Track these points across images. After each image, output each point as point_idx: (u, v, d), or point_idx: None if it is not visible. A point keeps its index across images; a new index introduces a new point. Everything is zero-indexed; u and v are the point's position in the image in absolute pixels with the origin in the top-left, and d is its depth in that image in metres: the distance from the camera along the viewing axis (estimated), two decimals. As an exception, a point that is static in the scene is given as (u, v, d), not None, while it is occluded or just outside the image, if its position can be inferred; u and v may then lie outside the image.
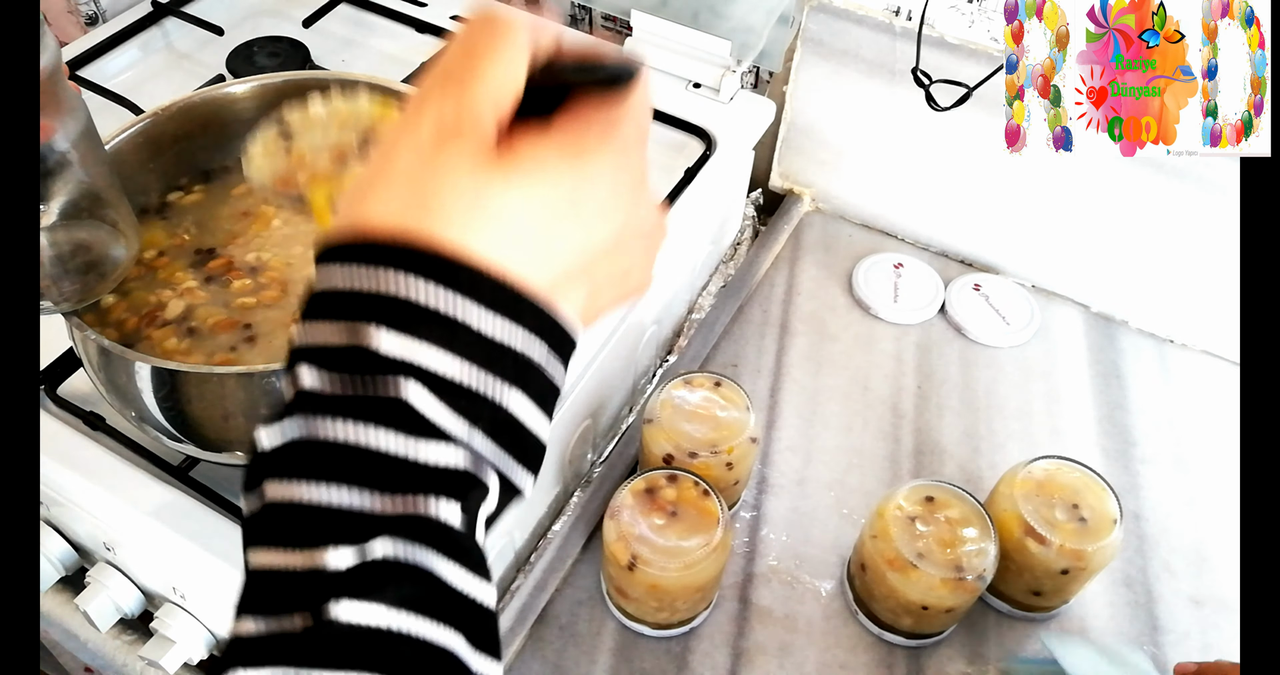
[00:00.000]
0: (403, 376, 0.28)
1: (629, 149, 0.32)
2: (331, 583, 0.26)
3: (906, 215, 0.89)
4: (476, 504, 0.29)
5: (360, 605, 0.26)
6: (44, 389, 0.59)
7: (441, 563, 0.27)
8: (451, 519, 0.28)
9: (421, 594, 0.27)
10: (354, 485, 0.27)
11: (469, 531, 0.29)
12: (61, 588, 0.68)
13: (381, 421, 0.28)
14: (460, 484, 0.28)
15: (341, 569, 0.26)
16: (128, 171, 0.52)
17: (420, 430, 0.28)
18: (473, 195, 0.29)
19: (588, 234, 0.31)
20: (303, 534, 0.27)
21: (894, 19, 0.78)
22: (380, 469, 0.27)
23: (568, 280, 0.31)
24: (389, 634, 0.26)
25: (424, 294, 0.28)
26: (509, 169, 0.29)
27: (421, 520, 0.27)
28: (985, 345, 0.83)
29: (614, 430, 0.78)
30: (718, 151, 0.78)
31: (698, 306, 0.85)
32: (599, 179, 0.31)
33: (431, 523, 0.27)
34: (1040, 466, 0.64)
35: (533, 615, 0.64)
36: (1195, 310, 0.81)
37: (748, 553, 0.69)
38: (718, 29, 0.82)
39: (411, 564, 0.27)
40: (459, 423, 0.28)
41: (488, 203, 0.29)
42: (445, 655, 0.27)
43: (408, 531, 0.27)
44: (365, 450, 0.27)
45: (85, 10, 0.92)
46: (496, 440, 0.29)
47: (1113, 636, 0.66)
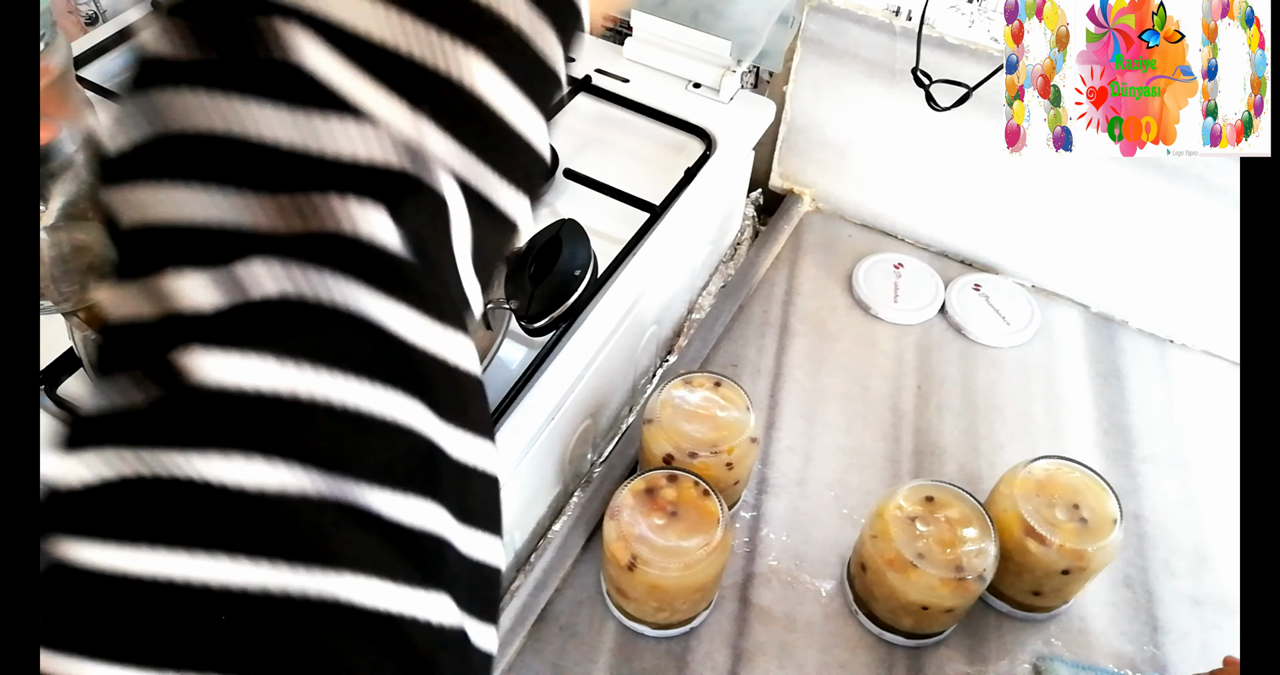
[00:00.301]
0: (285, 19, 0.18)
1: None
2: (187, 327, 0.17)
3: (906, 215, 0.89)
4: (422, 217, 0.19)
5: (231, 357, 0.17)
6: (44, 389, 0.59)
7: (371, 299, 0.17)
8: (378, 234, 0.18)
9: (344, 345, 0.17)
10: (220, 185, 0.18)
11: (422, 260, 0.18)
12: (61, 588, 0.68)
13: (259, 91, 0.18)
14: (387, 183, 0.18)
15: (203, 308, 0.17)
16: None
17: (318, 101, 0.18)
18: None
19: None
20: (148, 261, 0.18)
21: (894, 19, 0.78)
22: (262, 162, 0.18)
23: None
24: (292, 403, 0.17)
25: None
26: None
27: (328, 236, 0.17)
28: (985, 345, 0.83)
29: (614, 430, 0.78)
30: (718, 151, 0.78)
31: (698, 306, 0.85)
32: None
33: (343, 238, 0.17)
34: (1040, 466, 0.64)
35: (533, 615, 0.64)
36: (1195, 310, 0.81)
37: (748, 553, 0.69)
38: (718, 29, 0.82)
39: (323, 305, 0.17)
40: (394, 104, 0.18)
41: None
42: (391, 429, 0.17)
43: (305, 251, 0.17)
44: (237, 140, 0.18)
45: (85, 10, 0.92)
46: (458, 136, 0.19)
47: (1113, 636, 0.66)
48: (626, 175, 0.76)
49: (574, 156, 0.78)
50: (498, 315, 0.58)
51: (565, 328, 0.65)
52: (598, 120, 0.82)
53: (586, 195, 0.75)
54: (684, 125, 0.79)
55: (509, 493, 0.62)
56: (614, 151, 0.80)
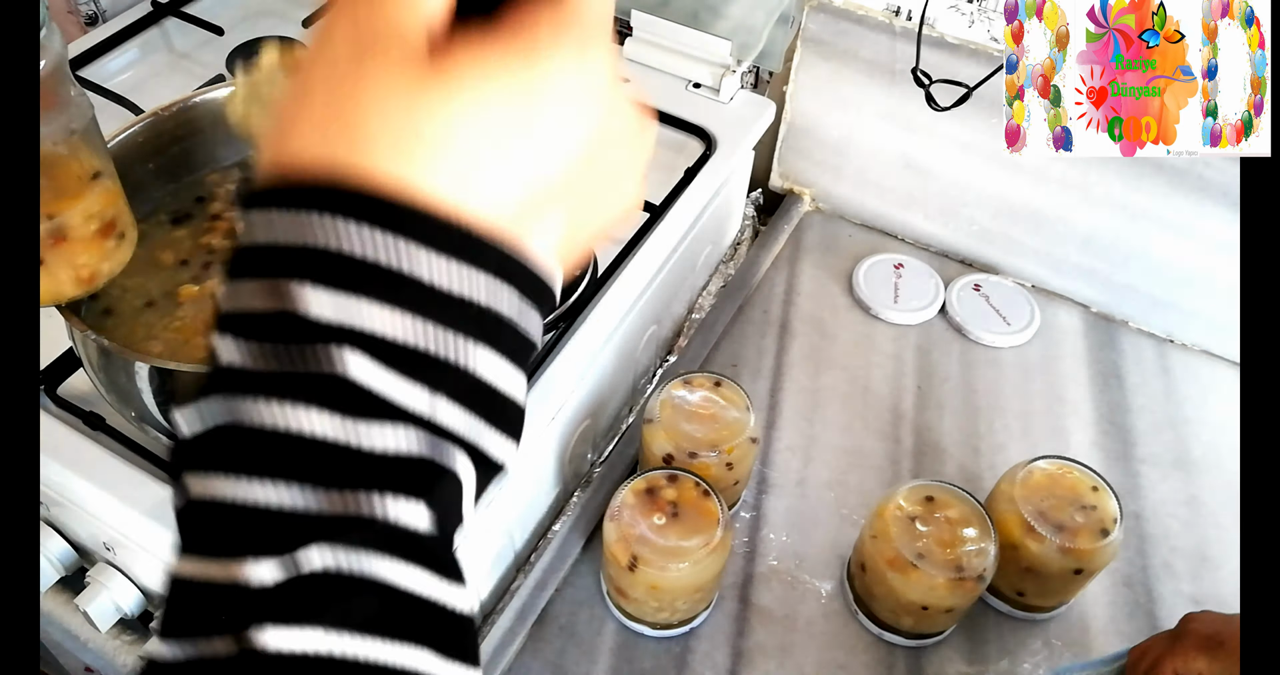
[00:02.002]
0: (337, 344, 0.23)
1: (589, 41, 0.27)
2: (256, 602, 0.22)
3: (906, 215, 0.89)
4: (449, 496, 0.25)
5: (291, 631, 0.22)
6: (44, 389, 0.59)
7: (395, 568, 0.24)
8: (408, 518, 0.24)
9: (371, 611, 0.23)
10: (282, 479, 0.23)
11: (440, 531, 0.25)
12: (61, 588, 0.68)
13: (315, 400, 0.23)
14: (419, 474, 0.24)
15: (267, 584, 0.23)
16: (128, 171, 0.52)
17: (363, 409, 0.23)
18: (405, 116, 0.24)
19: (551, 149, 0.26)
20: (222, 540, 0.23)
21: (894, 19, 0.78)
22: (316, 460, 0.23)
23: (536, 208, 0.26)
24: (332, 661, 0.23)
25: (357, 241, 0.23)
26: (446, 81, 0.24)
27: (366, 521, 0.23)
28: (985, 345, 0.83)
29: (614, 430, 0.78)
30: (718, 151, 0.78)
31: (698, 306, 0.85)
32: (557, 82, 0.26)
33: (379, 524, 0.23)
34: (1040, 466, 0.64)
35: (533, 615, 0.64)
36: (1195, 310, 0.81)
37: (748, 553, 0.69)
38: (718, 29, 0.82)
39: (355, 576, 0.23)
40: (417, 391, 0.24)
41: (424, 123, 0.24)
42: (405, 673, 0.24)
43: (349, 535, 0.23)
44: (296, 437, 0.23)
45: (85, 10, 0.92)
46: (465, 406, 0.25)
47: (1113, 636, 0.66)
48: (626, 175, 0.76)
49: (574, 156, 0.78)
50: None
51: (565, 328, 0.65)
52: (598, 120, 0.82)
53: (586, 195, 0.75)
54: (684, 125, 0.79)
55: (511, 493, 0.62)
56: (614, 151, 0.80)
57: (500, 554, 0.66)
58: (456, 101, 0.25)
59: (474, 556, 0.62)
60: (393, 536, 0.23)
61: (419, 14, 0.25)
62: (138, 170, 0.57)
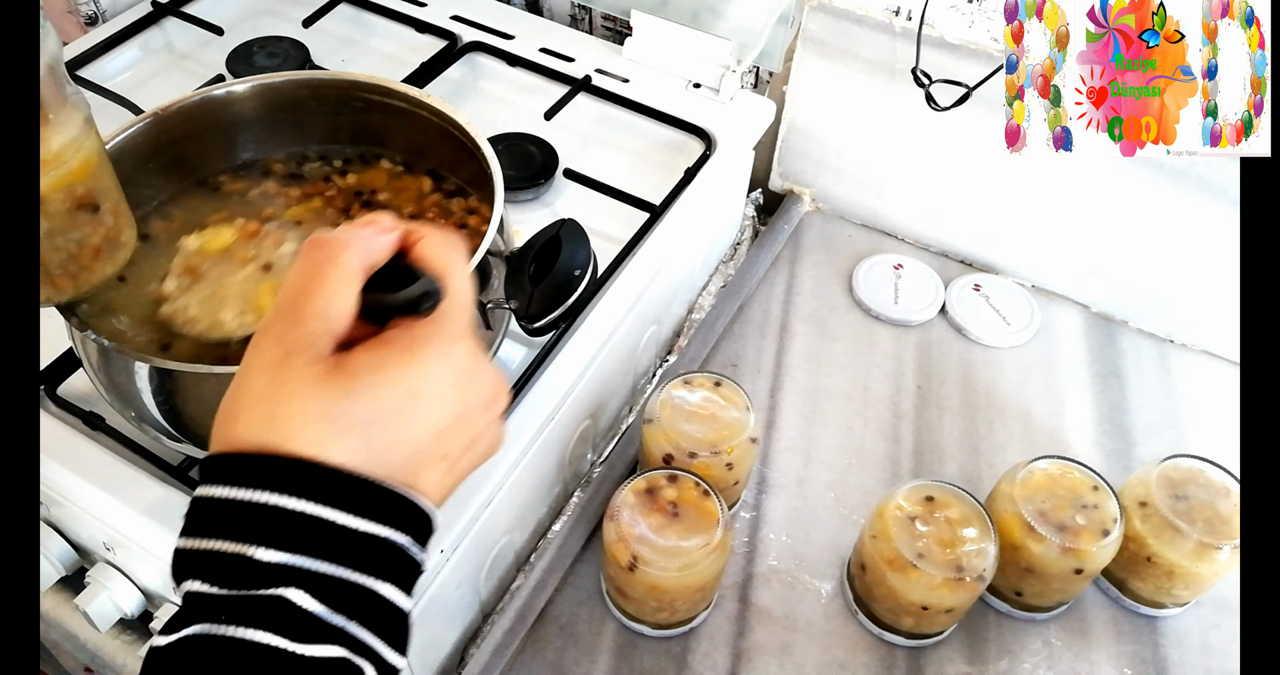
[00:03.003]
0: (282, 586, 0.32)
1: (455, 338, 0.37)
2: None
3: (906, 215, 0.89)
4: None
5: None
6: (44, 389, 0.59)
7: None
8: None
9: None
10: None
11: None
12: (61, 588, 0.68)
13: (266, 625, 0.31)
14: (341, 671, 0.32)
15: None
16: (127, 171, 0.52)
17: (301, 631, 0.32)
18: (320, 411, 0.34)
19: (432, 418, 0.36)
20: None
21: (894, 19, 0.78)
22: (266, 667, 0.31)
23: (423, 460, 0.36)
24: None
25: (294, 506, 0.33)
26: (347, 382, 0.34)
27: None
28: (985, 345, 0.83)
29: (614, 430, 0.78)
30: (718, 151, 0.78)
31: (698, 306, 0.85)
32: (433, 370, 0.36)
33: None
34: (1040, 466, 0.64)
35: (533, 615, 0.64)
36: (1195, 310, 0.81)
37: (748, 553, 0.69)
38: (718, 29, 0.82)
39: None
40: (335, 616, 0.33)
41: (335, 414, 0.34)
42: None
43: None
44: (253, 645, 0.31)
45: (85, 10, 0.92)
46: (370, 627, 0.33)
47: (1113, 636, 0.66)
48: (626, 175, 0.76)
49: (574, 156, 0.78)
50: (498, 315, 0.58)
51: (565, 328, 0.65)
52: (598, 120, 0.82)
53: (586, 195, 0.75)
54: (684, 125, 0.79)
55: (510, 493, 0.62)
56: (614, 151, 0.80)
57: (500, 554, 0.66)
58: (356, 395, 0.34)
59: (473, 558, 0.62)
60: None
61: (328, 329, 0.35)
62: (138, 170, 0.57)
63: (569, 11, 0.95)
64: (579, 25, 0.96)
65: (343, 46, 0.87)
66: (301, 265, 0.36)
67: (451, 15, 0.89)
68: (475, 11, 0.89)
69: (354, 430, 0.34)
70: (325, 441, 0.33)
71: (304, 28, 0.87)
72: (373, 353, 0.35)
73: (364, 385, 0.34)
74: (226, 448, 0.34)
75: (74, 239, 0.48)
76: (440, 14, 0.89)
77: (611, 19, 0.94)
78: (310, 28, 0.87)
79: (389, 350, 0.35)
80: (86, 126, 0.46)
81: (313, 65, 0.84)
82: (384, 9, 0.89)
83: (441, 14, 0.89)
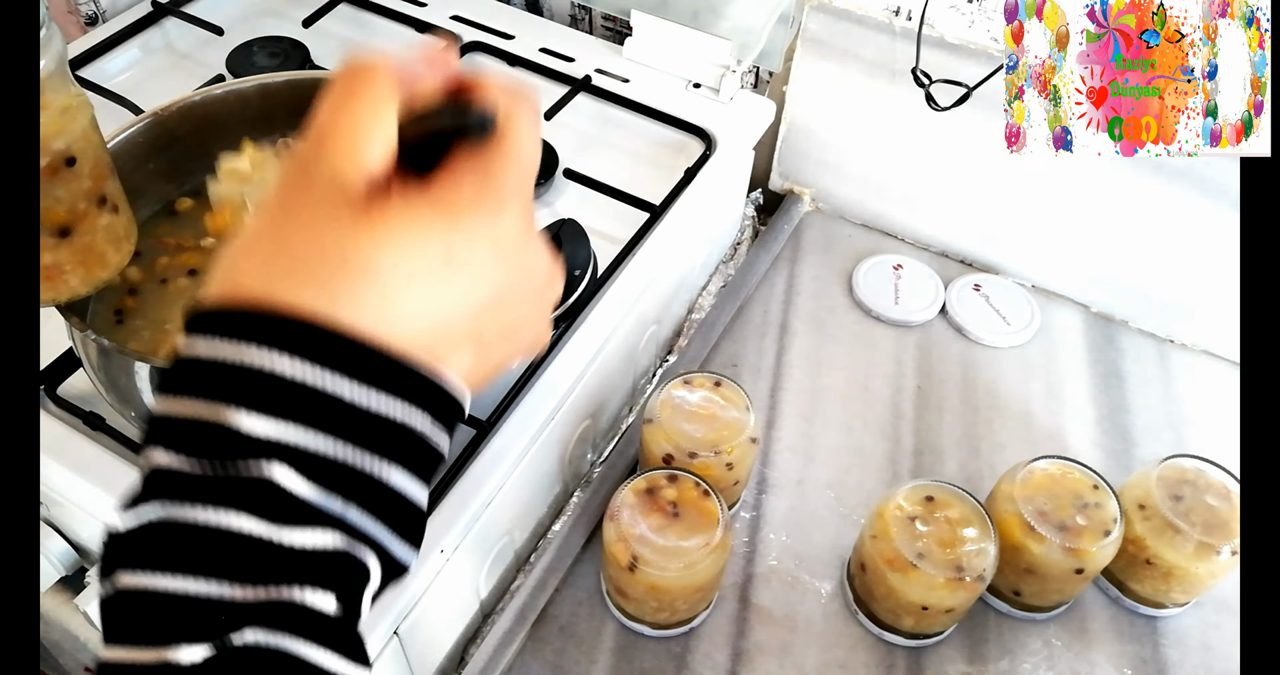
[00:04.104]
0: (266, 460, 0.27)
1: (506, 202, 0.31)
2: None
3: (906, 215, 0.89)
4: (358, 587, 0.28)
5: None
6: (44, 389, 0.59)
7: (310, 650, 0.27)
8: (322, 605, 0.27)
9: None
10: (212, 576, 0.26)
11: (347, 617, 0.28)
12: (61, 588, 0.68)
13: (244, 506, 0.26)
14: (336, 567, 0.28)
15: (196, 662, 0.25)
16: (128, 171, 0.52)
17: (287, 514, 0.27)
18: (339, 256, 0.28)
19: (468, 292, 0.30)
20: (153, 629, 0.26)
21: (894, 19, 0.78)
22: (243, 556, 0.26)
23: (451, 342, 0.30)
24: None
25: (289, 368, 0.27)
26: (378, 226, 0.28)
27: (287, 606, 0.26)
28: (985, 345, 0.83)
29: (614, 430, 0.78)
30: (718, 151, 0.78)
31: (698, 306, 0.85)
32: (476, 236, 0.30)
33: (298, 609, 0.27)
34: (1040, 466, 0.64)
35: (533, 615, 0.64)
36: (1195, 310, 0.81)
37: (748, 553, 0.69)
38: (718, 29, 0.82)
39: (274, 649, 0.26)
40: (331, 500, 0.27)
41: (356, 262, 0.28)
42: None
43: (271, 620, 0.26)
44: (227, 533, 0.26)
45: (85, 10, 0.92)
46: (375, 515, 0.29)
47: (1113, 636, 0.66)
48: (626, 175, 0.76)
49: (574, 156, 0.78)
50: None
51: (565, 328, 0.65)
52: (598, 120, 0.82)
53: (586, 195, 0.75)
54: (684, 125, 0.79)
55: (511, 493, 0.62)
56: (614, 151, 0.80)
57: (500, 554, 0.66)
58: (383, 246, 0.28)
59: (473, 558, 0.62)
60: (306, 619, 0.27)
61: (360, 165, 0.29)
62: (138, 170, 0.57)
63: (569, 11, 0.95)
64: (579, 25, 0.96)
65: (343, 47, 0.87)
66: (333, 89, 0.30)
67: (451, 15, 0.89)
68: (475, 11, 0.89)
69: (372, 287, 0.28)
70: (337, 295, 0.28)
71: (304, 28, 0.87)
72: (408, 202, 0.29)
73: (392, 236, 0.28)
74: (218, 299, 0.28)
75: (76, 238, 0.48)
76: (440, 14, 0.89)
77: (611, 19, 0.94)
78: (310, 28, 0.87)
79: (427, 203, 0.29)
80: (91, 127, 0.46)
81: (313, 65, 0.84)
82: (384, 9, 0.89)
83: (441, 14, 0.89)
